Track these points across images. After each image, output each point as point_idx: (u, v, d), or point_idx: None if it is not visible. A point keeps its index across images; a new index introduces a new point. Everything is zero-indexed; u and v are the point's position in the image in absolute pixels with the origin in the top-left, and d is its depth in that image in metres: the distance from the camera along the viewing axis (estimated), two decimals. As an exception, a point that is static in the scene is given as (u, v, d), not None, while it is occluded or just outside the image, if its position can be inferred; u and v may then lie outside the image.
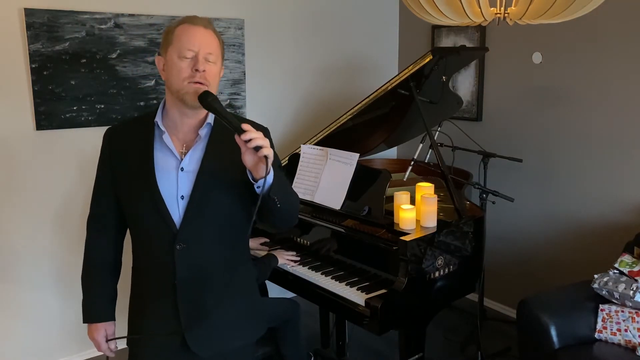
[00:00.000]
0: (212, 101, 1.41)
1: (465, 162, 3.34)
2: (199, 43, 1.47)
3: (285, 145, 3.65)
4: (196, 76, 1.45)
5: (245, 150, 1.37)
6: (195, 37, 1.47)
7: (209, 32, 1.51)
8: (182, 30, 1.49)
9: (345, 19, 3.89)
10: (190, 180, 1.52)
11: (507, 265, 3.63)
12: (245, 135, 1.34)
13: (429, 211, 2.28)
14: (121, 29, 2.99)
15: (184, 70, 1.46)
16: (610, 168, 3.05)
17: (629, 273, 2.46)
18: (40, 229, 2.97)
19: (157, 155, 1.53)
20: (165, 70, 1.51)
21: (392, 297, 2.10)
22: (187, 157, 1.52)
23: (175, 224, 1.51)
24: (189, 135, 1.55)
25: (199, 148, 1.54)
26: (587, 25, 3.02)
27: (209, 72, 1.48)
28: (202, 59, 1.47)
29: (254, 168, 1.40)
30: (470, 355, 3.18)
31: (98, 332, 1.66)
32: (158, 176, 1.51)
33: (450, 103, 3.05)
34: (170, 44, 1.48)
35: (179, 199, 1.51)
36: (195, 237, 1.52)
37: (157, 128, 1.55)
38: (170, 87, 1.50)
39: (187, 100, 1.47)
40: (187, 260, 1.51)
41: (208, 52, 1.48)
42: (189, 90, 1.46)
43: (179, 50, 1.46)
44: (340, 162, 2.57)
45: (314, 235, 2.57)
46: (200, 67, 1.45)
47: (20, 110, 2.81)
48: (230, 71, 3.40)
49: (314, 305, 2.72)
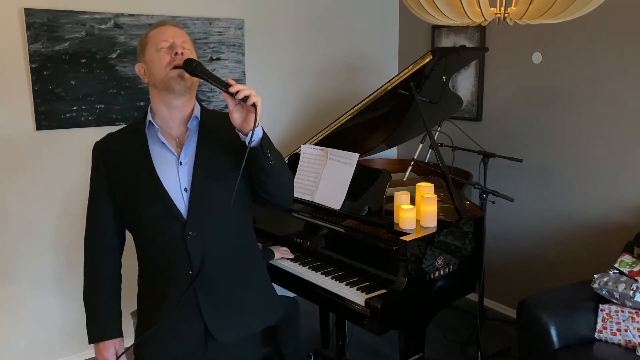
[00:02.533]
0: (196, 66, 1.47)
1: (465, 162, 3.34)
2: (172, 35, 1.55)
3: (285, 145, 3.65)
4: (176, 59, 1.51)
5: (234, 107, 1.43)
6: (167, 31, 1.55)
7: (179, 29, 1.59)
8: (154, 32, 1.57)
9: (345, 19, 3.89)
10: (189, 173, 1.56)
11: (507, 265, 3.63)
12: (232, 88, 1.40)
13: (429, 211, 2.28)
14: (121, 29, 2.99)
15: (163, 57, 1.52)
16: (610, 168, 3.05)
17: (629, 273, 2.46)
18: (41, 228, 2.97)
19: (155, 153, 1.57)
20: (147, 71, 1.57)
21: (392, 297, 2.10)
22: (183, 151, 1.57)
23: (183, 214, 1.54)
24: (180, 130, 1.60)
25: (192, 141, 1.58)
26: (587, 25, 3.02)
27: (186, 55, 1.52)
28: (179, 45, 1.53)
29: (244, 123, 1.44)
30: (470, 355, 3.18)
31: (107, 350, 1.64)
32: (159, 172, 1.55)
33: (450, 103, 3.05)
34: (146, 46, 1.56)
35: (183, 191, 1.55)
36: (204, 224, 1.55)
37: (149, 128, 1.59)
38: (154, 81, 1.54)
39: (173, 85, 1.51)
40: (199, 248, 1.55)
41: (183, 41, 1.54)
42: (173, 75, 1.51)
43: (156, 44, 1.53)
44: (340, 162, 2.57)
45: (314, 235, 2.57)
46: (178, 49, 1.51)
47: (20, 110, 2.82)
48: (230, 71, 3.40)
49: (314, 305, 2.72)
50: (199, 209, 1.55)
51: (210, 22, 3.28)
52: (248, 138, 1.42)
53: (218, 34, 3.32)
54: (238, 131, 1.47)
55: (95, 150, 1.64)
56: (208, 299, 1.57)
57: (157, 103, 1.58)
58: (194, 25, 3.22)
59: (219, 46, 3.33)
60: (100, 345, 1.65)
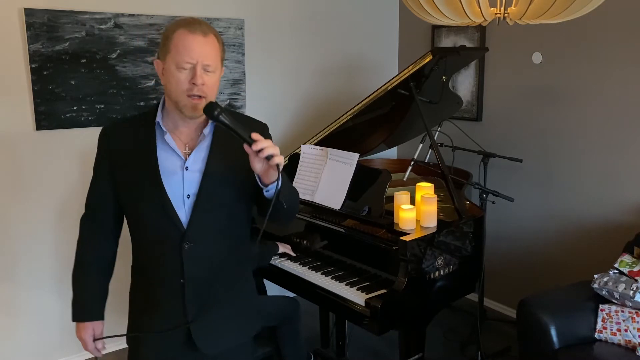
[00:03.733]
0: (218, 115, 1.37)
1: (465, 162, 3.34)
2: (197, 55, 1.43)
3: (285, 145, 3.65)
4: (194, 89, 1.43)
5: (255, 158, 1.36)
6: (193, 48, 1.43)
7: (208, 40, 1.46)
8: (180, 37, 1.44)
9: (345, 19, 3.89)
10: (196, 180, 1.51)
11: (507, 265, 3.63)
12: (256, 146, 1.34)
13: (429, 211, 2.28)
14: (121, 29, 2.99)
15: (182, 82, 1.44)
16: (610, 168, 3.05)
17: (629, 273, 2.46)
18: (40, 229, 2.97)
19: (161, 155, 1.52)
20: (164, 75, 1.49)
21: (392, 297, 2.10)
22: (192, 157, 1.52)
23: (183, 223, 1.51)
24: (191, 135, 1.55)
25: (203, 147, 1.53)
26: (587, 25, 3.02)
27: (207, 83, 1.45)
28: (200, 71, 1.44)
29: (263, 173, 1.40)
30: (470, 355, 3.18)
31: (86, 330, 1.65)
32: (163, 177, 1.50)
33: (450, 103, 3.05)
34: (168, 52, 1.45)
35: (185, 198, 1.51)
36: (202, 235, 1.52)
37: (158, 128, 1.53)
38: (169, 95, 1.49)
39: (185, 112, 1.47)
40: (194, 258, 1.52)
41: (206, 64, 1.45)
42: (187, 104, 1.45)
43: (177, 61, 1.43)
44: (340, 162, 2.57)
45: (314, 235, 2.57)
46: (198, 80, 1.43)
47: (20, 110, 2.81)
48: (230, 71, 3.40)
49: (314, 305, 2.72)
50: (201, 219, 1.51)
51: (210, 22, 3.28)
52: (268, 192, 1.43)
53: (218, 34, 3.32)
54: (257, 175, 1.42)
55: (103, 135, 1.59)
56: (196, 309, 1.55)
57: (171, 107, 1.51)
58: (194, 25, 3.22)
59: (219, 46, 3.33)
60: (80, 325, 1.65)
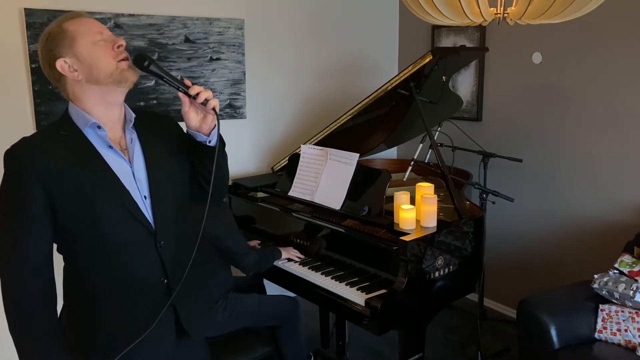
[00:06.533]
0: (148, 65, 1.40)
1: (465, 162, 3.34)
2: (98, 27, 1.42)
3: (285, 145, 3.65)
4: (121, 51, 1.41)
5: (189, 108, 1.44)
6: (91, 22, 1.42)
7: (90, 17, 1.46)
8: (74, 24, 1.40)
9: (346, 19, 3.90)
10: (144, 179, 1.49)
11: (507, 265, 3.63)
12: (191, 90, 1.41)
13: (429, 211, 2.28)
14: (121, 29, 2.99)
15: (108, 52, 1.39)
16: (610, 168, 3.05)
17: (629, 273, 2.46)
18: (40, 229, 2.97)
19: (109, 160, 1.44)
20: (80, 66, 1.39)
21: (392, 297, 2.10)
22: (134, 157, 1.48)
23: (151, 223, 1.48)
24: (119, 132, 1.49)
25: (136, 146, 1.50)
26: (587, 25, 3.02)
27: None
28: (116, 38, 1.42)
29: (200, 124, 1.46)
30: (470, 355, 3.18)
31: None
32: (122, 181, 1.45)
33: (450, 103, 3.05)
34: (74, 41, 1.38)
35: (143, 199, 1.47)
36: (169, 231, 1.51)
37: (94, 132, 1.43)
38: (98, 76, 1.39)
39: (127, 76, 1.41)
40: (170, 255, 1.51)
41: (109, 33, 1.44)
42: (123, 68, 1.40)
43: (90, 37, 1.38)
44: (340, 162, 2.57)
45: (314, 235, 2.57)
46: (120, 41, 1.41)
47: (20, 110, 2.81)
48: (230, 71, 3.40)
49: (314, 305, 2.72)
50: (162, 216, 1.49)
51: (210, 22, 3.28)
52: (211, 139, 1.47)
53: (218, 34, 3.32)
54: (193, 132, 1.47)
55: (18, 159, 1.37)
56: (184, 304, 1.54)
57: (94, 102, 1.42)
58: (194, 25, 3.22)
59: (219, 46, 3.33)
60: None
